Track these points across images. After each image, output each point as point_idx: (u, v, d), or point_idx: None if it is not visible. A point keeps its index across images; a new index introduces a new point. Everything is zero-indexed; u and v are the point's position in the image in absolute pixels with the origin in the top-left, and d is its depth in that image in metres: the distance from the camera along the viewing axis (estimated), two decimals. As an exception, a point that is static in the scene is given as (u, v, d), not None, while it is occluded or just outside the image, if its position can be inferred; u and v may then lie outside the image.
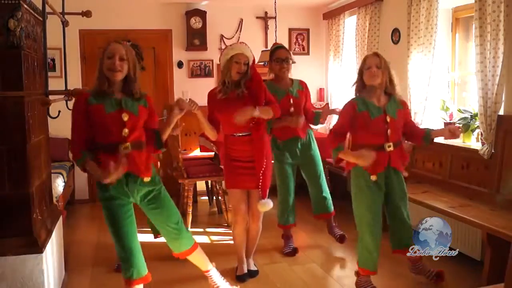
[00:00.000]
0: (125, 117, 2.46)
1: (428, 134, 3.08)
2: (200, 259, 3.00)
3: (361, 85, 3.04)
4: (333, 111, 4.04)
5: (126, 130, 2.47)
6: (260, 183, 3.25)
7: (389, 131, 2.94)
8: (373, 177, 2.95)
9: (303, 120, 3.74)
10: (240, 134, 3.25)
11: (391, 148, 2.95)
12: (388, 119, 2.94)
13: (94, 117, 2.47)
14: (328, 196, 4.01)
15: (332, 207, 4.03)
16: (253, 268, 3.56)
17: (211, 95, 3.32)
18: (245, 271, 3.48)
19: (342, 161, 3.05)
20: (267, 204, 3.27)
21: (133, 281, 2.60)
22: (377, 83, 2.94)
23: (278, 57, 3.73)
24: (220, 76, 3.30)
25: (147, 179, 2.58)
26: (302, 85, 3.87)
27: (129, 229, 2.57)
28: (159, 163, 3.80)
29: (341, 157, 2.97)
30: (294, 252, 3.91)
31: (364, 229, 3.04)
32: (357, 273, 3.20)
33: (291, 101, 3.74)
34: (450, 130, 3.00)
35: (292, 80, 3.84)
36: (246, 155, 3.26)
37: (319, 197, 3.97)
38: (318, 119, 3.89)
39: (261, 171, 3.24)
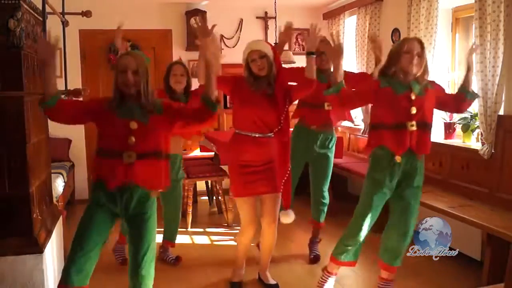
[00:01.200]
0: (134, 126, 2.36)
1: (464, 89, 2.88)
2: None
3: (388, 67, 2.81)
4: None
5: (132, 138, 2.35)
6: (281, 191, 3.04)
7: (413, 109, 2.73)
8: (398, 158, 2.76)
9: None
10: (258, 135, 2.97)
11: (414, 128, 2.74)
12: (413, 97, 2.73)
13: (104, 122, 2.40)
14: (326, 204, 3.92)
15: (323, 219, 3.94)
16: (272, 282, 3.31)
17: (241, 80, 3.02)
18: (242, 278, 3.32)
19: (368, 149, 2.91)
20: (290, 216, 3.09)
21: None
22: (414, 71, 2.73)
23: (317, 50, 3.65)
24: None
25: (154, 194, 2.45)
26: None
27: (93, 238, 2.33)
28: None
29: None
30: (315, 260, 3.80)
31: (358, 220, 2.94)
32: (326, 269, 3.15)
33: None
34: (469, 59, 2.89)
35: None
36: (261, 159, 2.97)
37: (318, 202, 3.91)
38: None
39: (284, 178, 3.02)
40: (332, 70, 3.38)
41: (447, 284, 3.30)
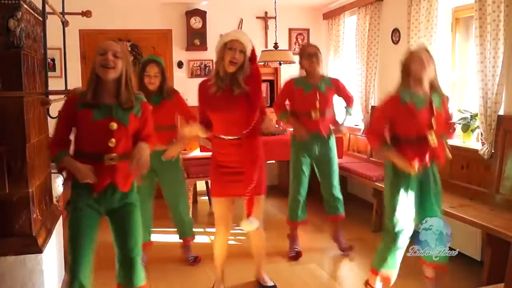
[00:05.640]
0: (114, 126, 2.26)
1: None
2: None
3: (405, 80, 2.84)
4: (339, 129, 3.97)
5: (113, 140, 2.27)
6: (247, 199, 2.87)
7: (433, 121, 2.79)
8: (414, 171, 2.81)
9: (305, 135, 3.72)
10: (229, 137, 2.88)
11: (435, 141, 2.80)
12: (434, 110, 2.80)
13: (81, 123, 2.29)
14: (340, 197, 3.95)
15: (343, 211, 3.96)
16: (269, 283, 3.28)
17: (203, 87, 2.91)
18: None
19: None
20: (253, 224, 2.90)
21: None
22: (427, 76, 2.78)
23: (308, 53, 3.73)
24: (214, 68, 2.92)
25: (127, 191, 2.40)
26: (332, 82, 3.86)
27: (87, 243, 2.32)
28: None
29: (390, 157, 2.82)
30: (297, 256, 3.86)
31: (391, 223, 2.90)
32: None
33: (318, 96, 3.72)
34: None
35: (323, 76, 3.84)
36: (233, 159, 2.88)
37: (330, 197, 3.93)
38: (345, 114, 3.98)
39: (250, 186, 2.85)
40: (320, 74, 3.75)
41: (447, 284, 3.30)
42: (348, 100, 3.96)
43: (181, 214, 3.68)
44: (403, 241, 2.89)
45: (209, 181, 3.08)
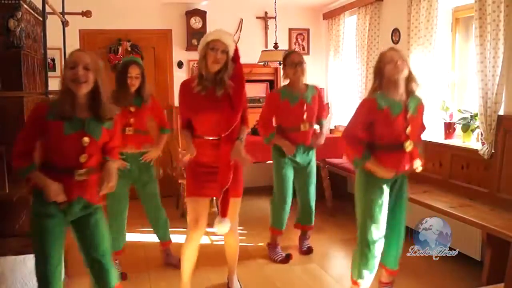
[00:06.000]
0: (86, 142, 2.17)
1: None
2: None
3: (379, 83, 2.78)
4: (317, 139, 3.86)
5: (85, 155, 2.18)
6: (220, 198, 2.79)
7: (409, 128, 2.75)
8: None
9: (293, 150, 3.67)
10: (210, 138, 2.79)
11: (411, 148, 2.77)
12: (408, 116, 2.74)
13: (51, 135, 2.16)
14: (314, 208, 3.92)
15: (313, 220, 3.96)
16: (237, 286, 3.23)
17: (186, 87, 2.80)
18: None
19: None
20: (225, 225, 2.81)
21: None
22: (402, 76, 2.72)
23: (292, 61, 3.64)
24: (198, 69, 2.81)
25: (96, 205, 2.32)
26: (316, 89, 3.80)
27: (55, 253, 2.23)
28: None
29: (369, 167, 2.76)
30: (287, 259, 3.79)
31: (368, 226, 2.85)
32: None
33: (305, 107, 3.66)
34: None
35: (307, 85, 3.75)
36: (212, 160, 2.79)
37: (306, 209, 3.90)
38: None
39: (225, 186, 2.78)
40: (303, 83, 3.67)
41: (447, 284, 3.30)
42: (322, 111, 3.90)
43: (158, 213, 3.65)
44: (379, 249, 2.84)
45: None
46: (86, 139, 2.17)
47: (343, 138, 2.84)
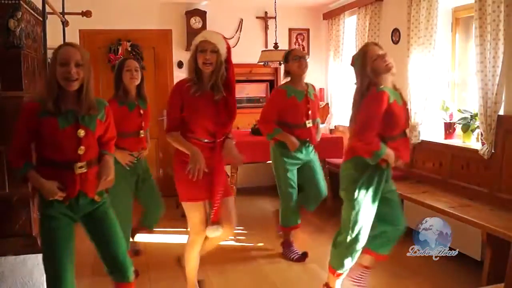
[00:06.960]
0: (81, 134, 2.17)
1: None
2: None
3: (373, 76, 2.83)
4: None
5: (82, 148, 2.18)
6: (216, 203, 2.75)
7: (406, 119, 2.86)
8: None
9: (297, 146, 3.64)
10: (206, 140, 2.75)
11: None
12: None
13: (46, 131, 2.15)
14: (324, 195, 3.90)
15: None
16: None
17: (182, 88, 2.74)
18: None
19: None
20: (217, 231, 2.79)
21: None
22: (394, 71, 2.75)
23: (295, 54, 3.63)
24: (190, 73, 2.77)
25: (97, 198, 2.31)
26: (314, 88, 3.82)
27: (65, 254, 2.20)
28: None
29: (385, 158, 2.71)
30: (304, 257, 3.78)
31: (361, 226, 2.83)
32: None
33: (309, 104, 3.67)
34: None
35: (306, 83, 3.76)
36: (207, 163, 2.70)
37: (317, 196, 3.86)
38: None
39: (220, 190, 2.76)
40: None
41: (447, 284, 3.30)
42: (318, 109, 3.90)
43: (157, 210, 3.65)
44: (363, 242, 2.83)
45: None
46: (81, 131, 2.17)
47: (364, 138, 2.77)
